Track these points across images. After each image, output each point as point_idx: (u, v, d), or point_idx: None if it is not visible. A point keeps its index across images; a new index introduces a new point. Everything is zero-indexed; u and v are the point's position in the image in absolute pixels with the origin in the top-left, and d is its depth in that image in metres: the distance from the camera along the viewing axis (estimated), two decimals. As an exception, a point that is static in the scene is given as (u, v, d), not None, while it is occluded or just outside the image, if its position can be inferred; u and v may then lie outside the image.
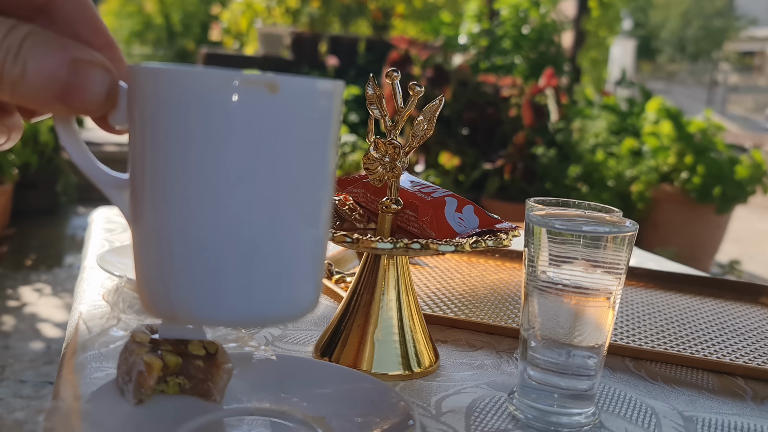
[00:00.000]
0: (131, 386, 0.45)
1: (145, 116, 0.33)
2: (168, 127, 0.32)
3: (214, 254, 0.33)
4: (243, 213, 0.32)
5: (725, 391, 0.62)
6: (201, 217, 0.32)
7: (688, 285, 0.95)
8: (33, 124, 3.71)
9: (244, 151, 0.32)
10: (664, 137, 3.78)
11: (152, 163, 0.33)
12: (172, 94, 0.32)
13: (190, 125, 0.32)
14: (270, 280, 0.34)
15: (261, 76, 0.31)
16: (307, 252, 0.35)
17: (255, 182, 0.32)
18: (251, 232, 0.33)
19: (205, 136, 0.32)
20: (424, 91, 0.57)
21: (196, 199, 0.32)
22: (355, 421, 0.47)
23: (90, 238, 0.98)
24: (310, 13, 6.46)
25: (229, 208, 0.32)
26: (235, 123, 0.31)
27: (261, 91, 0.31)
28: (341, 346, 0.60)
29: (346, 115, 4.81)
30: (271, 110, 0.32)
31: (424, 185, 0.64)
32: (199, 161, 0.32)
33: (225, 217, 0.32)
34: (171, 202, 0.33)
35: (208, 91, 0.31)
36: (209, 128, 0.31)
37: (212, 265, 0.33)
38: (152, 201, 0.33)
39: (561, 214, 0.54)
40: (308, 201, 0.34)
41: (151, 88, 0.32)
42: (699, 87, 16.35)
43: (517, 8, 4.48)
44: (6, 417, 1.92)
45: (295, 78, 0.33)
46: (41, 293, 2.89)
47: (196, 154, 0.32)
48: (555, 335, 0.51)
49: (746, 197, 3.70)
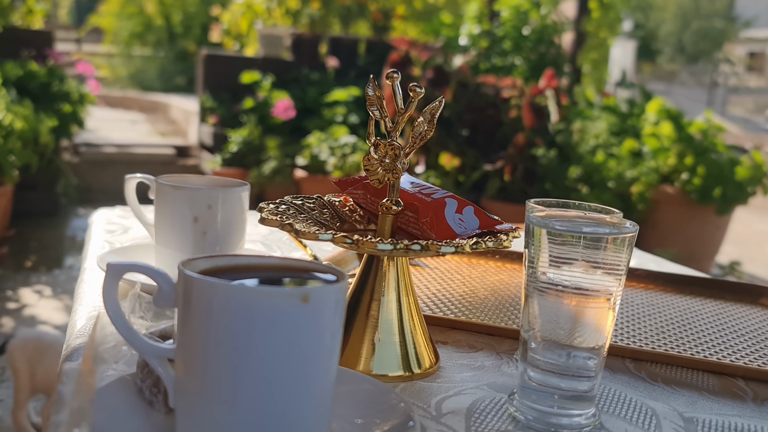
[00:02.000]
0: (161, 397, 0.45)
1: (194, 315, 0.40)
2: (214, 329, 0.39)
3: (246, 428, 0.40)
4: (271, 389, 0.40)
5: (725, 393, 0.62)
6: (234, 393, 0.39)
7: (689, 286, 0.95)
8: (34, 126, 3.70)
9: (279, 346, 0.39)
10: (664, 138, 3.78)
11: (200, 352, 0.40)
12: (217, 304, 0.39)
13: (233, 330, 0.39)
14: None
15: (295, 290, 0.40)
16: (321, 412, 0.43)
17: (284, 368, 0.40)
18: (276, 406, 0.40)
19: (244, 333, 0.38)
20: (424, 92, 0.57)
21: (230, 381, 0.39)
22: (355, 423, 0.47)
23: (90, 239, 0.98)
24: (310, 14, 6.46)
25: (259, 386, 0.39)
26: (272, 324, 0.39)
27: (296, 302, 0.39)
28: (341, 348, 0.59)
29: (346, 116, 4.81)
30: (303, 314, 0.39)
31: (424, 186, 0.64)
32: (238, 351, 0.39)
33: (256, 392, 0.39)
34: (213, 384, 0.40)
35: (251, 303, 0.38)
36: (247, 327, 0.38)
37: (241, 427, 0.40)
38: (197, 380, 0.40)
39: (561, 215, 0.54)
40: (325, 372, 0.42)
41: (198, 294, 0.39)
42: (699, 88, 16.35)
43: (518, 9, 4.48)
44: (6, 418, 1.92)
45: (321, 288, 0.41)
46: (41, 295, 2.89)
47: (237, 345, 0.39)
48: (555, 336, 0.51)
49: (746, 198, 3.70)
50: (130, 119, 7.65)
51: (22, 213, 3.88)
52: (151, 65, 11.32)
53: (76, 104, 4.42)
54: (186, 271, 0.40)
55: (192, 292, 0.39)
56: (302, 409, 0.41)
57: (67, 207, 4.33)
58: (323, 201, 0.67)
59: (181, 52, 11.10)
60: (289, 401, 0.40)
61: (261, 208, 0.60)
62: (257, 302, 0.39)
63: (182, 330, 0.41)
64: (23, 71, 4.24)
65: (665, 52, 19.40)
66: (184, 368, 0.41)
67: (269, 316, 0.39)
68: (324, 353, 0.41)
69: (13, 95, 3.82)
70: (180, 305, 0.41)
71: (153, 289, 0.70)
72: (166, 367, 0.43)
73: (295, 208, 0.63)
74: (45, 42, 4.82)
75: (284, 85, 5.15)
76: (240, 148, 4.66)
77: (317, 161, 4.33)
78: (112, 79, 10.64)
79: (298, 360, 0.40)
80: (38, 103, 4.11)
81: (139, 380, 0.47)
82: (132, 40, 11.20)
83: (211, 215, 0.73)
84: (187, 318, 0.40)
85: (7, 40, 4.53)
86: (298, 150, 4.50)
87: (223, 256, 0.45)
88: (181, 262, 0.41)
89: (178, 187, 0.73)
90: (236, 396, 0.39)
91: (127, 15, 11.06)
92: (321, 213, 0.65)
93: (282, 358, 0.39)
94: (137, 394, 0.47)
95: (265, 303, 0.39)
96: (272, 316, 0.39)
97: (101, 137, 5.83)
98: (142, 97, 9.09)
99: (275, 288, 0.40)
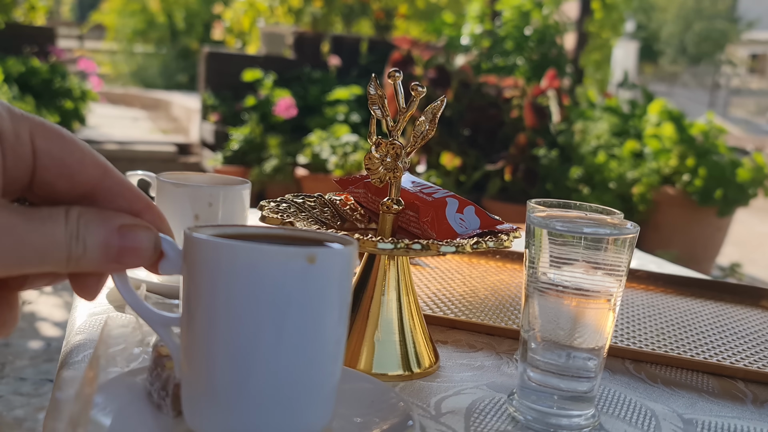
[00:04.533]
0: (169, 400, 0.45)
1: (199, 278, 0.39)
2: (220, 291, 0.38)
3: (252, 390, 0.39)
4: (276, 356, 0.39)
5: (725, 394, 0.62)
6: (242, 359, 0.39)
7: (689, 287, 0.95)
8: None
9: (283, 308, 0.38)
10: (665, 139, 3.78)
11: (206, 316, 0.39)
12: (223, 264, 0.38)
13: (239, 291, 0.38)
14: (299, 409, 0.40)
15: (301, 250, 0.38)
16: (329, 384, 0.42)
17: (290, 333, 0.39)
18: (282, 374, 0.39)
19: (249, 294, 0.38)
20: (426, 91, 0.57)
21: (237, 346, 0.39)
22: (355, 422, 0.47)
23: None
24: (312, 13, 6.46)
25: (264, 352, 0.39)
26: (277, 285, 0.38)
27: (302, 262, 0.38)
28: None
29: (347, 115, 4.81)
30: (309, 275, 0.38)
31: (425, 186, 0.64)
32: (243, 312, 0.38)
33: (261, 359, 0.39)
34: (215, 346, 0.39)
35: (255, 263, 0.38)
36: (252, 287, 0.38)
37: (248, 399, 0.39)
38: (204, 345, 0.40)
39: (562, 215, 0.54)
40: (333, 343, 0.41)
41: (203, 255, 0.39)
42: (701, 89, 16.34)
43: (520, 9, 4.48)
44: (6, 414, 1.92)
45: (328, 249, 0.40)
46: (41, 291, 2.89)
47: (241, 307, 0.38)
48: (555, 337, 0.51)
49: (747, 200, 3.70)
50: (131, 116, 7.66)
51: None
52: (153, 62, 11.33)
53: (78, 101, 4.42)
54: (193, 234, 0.39)
55: (197, 254, 0.39)
56: (309, 376, 0.40)
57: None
58: (324, 199, 0.67)
59: (183, 49, 11.11)
60: (295, 367, 0.39)
61: (262, 206, 0.60)
62: (263, 262, 0.38)
63: (187, 295, 0.40)
64: (25, 68, 4.25)
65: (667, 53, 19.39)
66: (189, 334, 0.40)
67: (275, 276, 0.38)
68: (332, 319, 0.40)
69: (15, 91, 3.83)
70: (185, 270, 0.40)
71: (159, 288, 0.70)
72: (172, 336, 0.43)
73: (295, 206, 0.63)
74: (47, 39, 4.82)
75: (286, 83, 5.15)
76: (241, 146, 4.66)
77: (318, 160, 4.33)
78: (113, 76, 10.65)
79: (305, 323, 0.39)
80: (40, 99, 4.11)
81: (148, 383, 0.47)
82: (134, 38, 11.21)
83: (212, 213, 0.73)
84: (192, 282, 0.39)
85: (9, 37, 4.53)
86: (299, 148, 4.50)
87: (231, 225, 0.44)
88: (186, 228, 0.40)
89: (179, 185, 0.73)
90: (241, 361, 0.39)
91: (130, 12, 11.07)
92: (322, 212, 0.65)
93: (288, 321, 0.38)
94: (146, 398, 0.47)
95: (271, 262, 0.38)
96: (278, 276, 0.38)
97: (103, 134, 5.84)
98: (143, 95, 9.10)
99: (281, 247, 0.38)
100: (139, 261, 0.38)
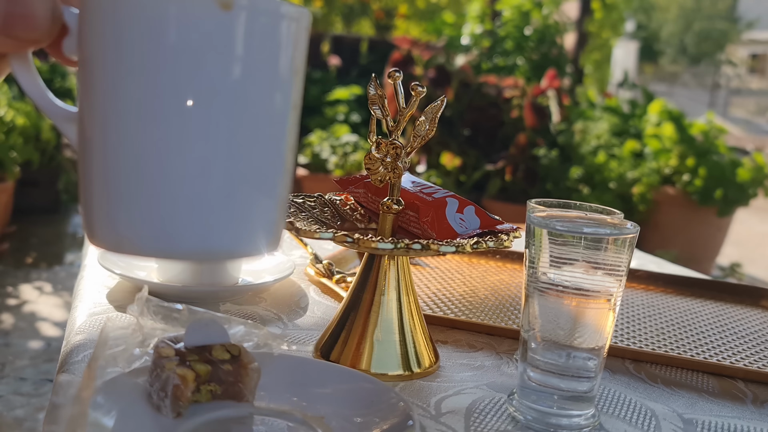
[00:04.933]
0: (168, 401, 0.45)
1: (90, 38, 0.31)
2: (111, 44, 0.31)
3: (160, 182, 0.31)
4: (189, 138, 0.31)
5: (725, 394, 0.62)
6: (145, 141, 0.31)
7: (689, 287, 0.95)
8: (35, 122, 3.71)
9: (191, 71, 0.30)
10: (665, 139, 3.78)
11: (98, 86, 0.31)
12: (115, 11, 0.30)
13: (133, 42, 0.30)
14: (219, 211, 0.32)
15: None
16: (263, 186, 0.34)
17: (205, 105, 0.31)
18: (199, 159, 0.31)
19: (149, 54, 0.30)
20: (426, 91, 0.57)
21: (141, 123, 0.31)
22: (355, 421, 0.47)
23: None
24: (312, 13, 6.46)
25: (175, 132, 0.31)
26: (181, 39, 0.30)
27: (211, 6, 0.30)
28: (341, 346, 0.60)
29: (347, 114, 4.81)
30: (223, 28, 0.30)
31: (425, 186, 0.64)
32: (144, 80, 0.30)
33: (170, 142, 0.31)
34: (116, 128, 0.31)
35: (151, 5, 0.30)
36: (152, 44, 0.30)
37: (157, 194, 0.31)
38: (98, 128, 0.32)
39: (562, 215, 0.54)
40: (263, 133, 0.33)
41: (94, 6, 0.31)
42: (701, 89, 16.35)
43: (520, 9, 4.48)
44: (6, 414, 1.92)
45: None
46: (41, 291, 2.89)
47: (141, 73, 0.30)
48: (555, 337, 0.51)
49: (748, 200, 3.70)
50: (131, 116, 7.64)
51: (23, 209, 3.88)
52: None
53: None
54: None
55: (93, 16, 0.31)
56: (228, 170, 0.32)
57: (68, 204, 4.33)
58: (324, 199, 0.67)
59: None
60: (208, 155, 0.31)
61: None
62: (165, 11, 0.30)
63: (82, 71, 0.32)
64: (25, 68, 4.24)
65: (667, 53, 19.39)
66: (87, 120, 0.33)
67: (179, 27, 0.30)
68: (261, 94, 0.32)
69: (15, 91, 3.82)
70: (79, 38, 0.32)
71: (159, 287, 0.70)
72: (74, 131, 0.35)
73: (295, 206, 0.63)
74: (47, 38, 4.81)
75: (286, 83, 5.14)
76: (241, 146, 4.66)
77: (318, 160, 4.33)
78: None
79: (220, 95, 0.31)
80: (40, 99, 4.11)
81: (148, 384, 0.47)
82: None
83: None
84: (86, 50, 0.32)
85: (9, 37, 4.52)
86: (299, 148, 4.50)
87: None
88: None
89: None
90: (146, 147, 0.31)
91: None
92: (322, 211, 0.65)
93: (198, 88, 0.31)
94: (146, 399, 0.47)
95: (175, 11, 0.30)
96: (182, 27, 0.30)
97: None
98: (143, 95, 9.08)
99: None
100: (33, 32, 0.31)
